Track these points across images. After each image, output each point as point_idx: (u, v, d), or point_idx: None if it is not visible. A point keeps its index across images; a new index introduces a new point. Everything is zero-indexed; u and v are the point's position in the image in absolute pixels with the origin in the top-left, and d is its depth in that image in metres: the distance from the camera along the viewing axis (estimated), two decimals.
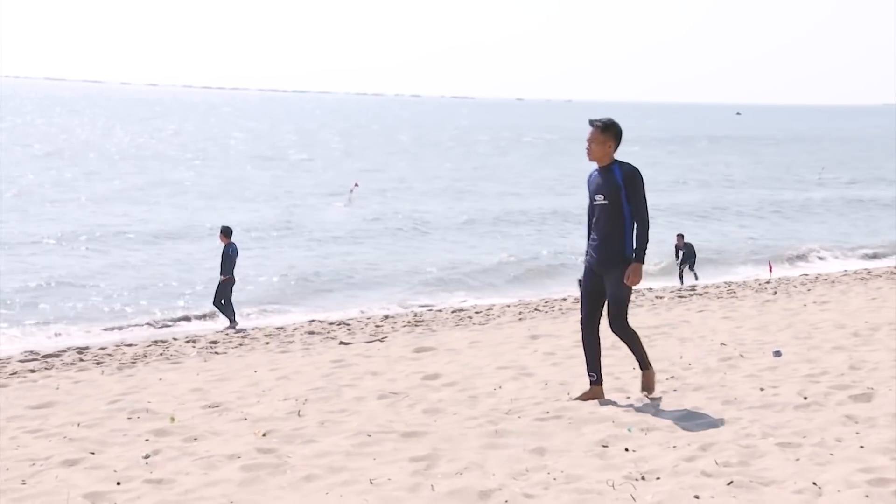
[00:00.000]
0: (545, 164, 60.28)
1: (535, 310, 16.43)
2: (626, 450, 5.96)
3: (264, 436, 6.65)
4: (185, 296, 19.55)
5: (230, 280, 16.44)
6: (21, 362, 12.39)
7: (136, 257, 24.09)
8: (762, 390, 7.41)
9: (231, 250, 16.47)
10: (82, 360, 12.50)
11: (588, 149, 7.04)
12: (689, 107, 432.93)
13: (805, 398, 7.06)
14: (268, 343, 13.58)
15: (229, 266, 16.41)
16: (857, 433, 6.12)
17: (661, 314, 13.88)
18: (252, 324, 16.99)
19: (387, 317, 16.60)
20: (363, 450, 6.16)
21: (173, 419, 7.36)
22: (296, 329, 15.24)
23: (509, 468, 5.64)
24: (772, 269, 23.64)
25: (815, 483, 5.18)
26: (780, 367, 8.31)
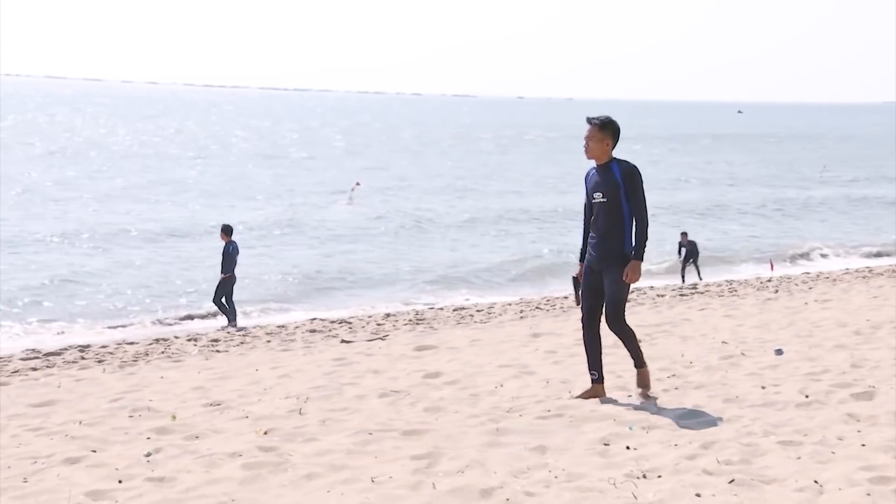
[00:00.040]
0: (547, 163, 60.31)
1: (537, 308, 16.43)
2: (628, 448, 5.95)
3: (265, 434, 6.65)
4: (187, 294, 19.59)
5: (231, 278, 16.46)
6: (23, 360, 12.39)
7: (139, 255, 24.12)
8: (763, 388, 7.41)
9: (231, 248, 16.48)
10: (84, 358, 12.50)
11: (586, 147, 7.03)
12: (690, 105, 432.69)
13: (806, 396, 7.05)
14: (269, 341, 13.58)
15: (230, 264, 16.43)
16: (859, 431, 6.11)
17: (662, 312, 13.88)
18: (253, 322, 17.02)
19: (388, 315, 16.61)
20: (364, 448, 6.16)
21: (174, 417, 7.37)
22: (297, 327, 15.24)
23: (510, 466, 5.64)
24: (773, 267, 23.65)
25: (816, 481, 5.18)
26: (781, 366, 8.30)
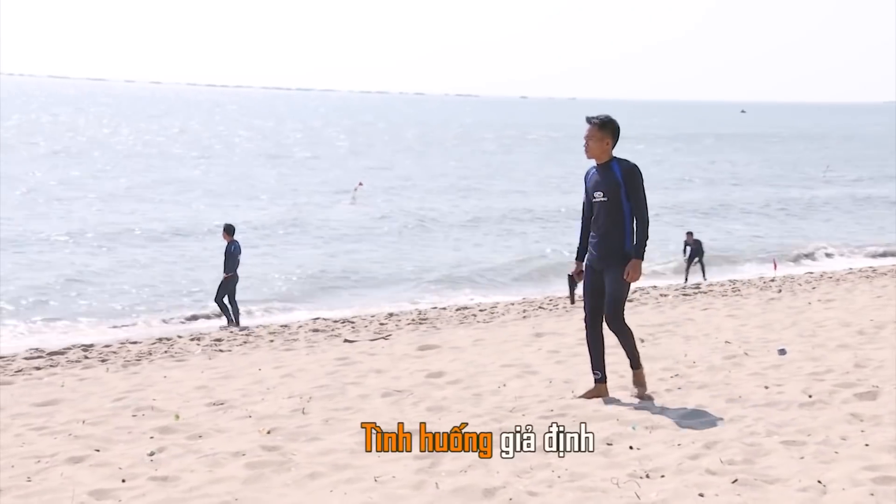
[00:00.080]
0: (550, 162, 60.28)
1: (540, 308, 16.42)
2: (631, 448, 5.95)
3: (269, 433, 6.66)
4: (191, 294, 19.60)
5: (233, 278, 16.46)
6: (26, 360, 12.41)
7: (143, 255, 24.14)
8: (767, 388, 7.40)
9: (233, 248, 16.49)
10: (87, 357, 12.52)
11: (586, 146, 7.04)
12: (693, 104, 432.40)
13: (810, 396, 7.05)
14: (272, 341, 13.59)
15: (232, 263, 16.44)
16: (863, 431, 6.11)
17: (665, 312, 13.87)
18: (257, 321, 17.03)
19: (391, 314, 16.61)
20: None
21: (178, 417, 7.37)
22: (300, 327, 15.24)
23: (513, 466, 5.64)
24: (776, 266, 23.64)
25: (819, 481, 5.18)
26: (784, 366, 8.29)
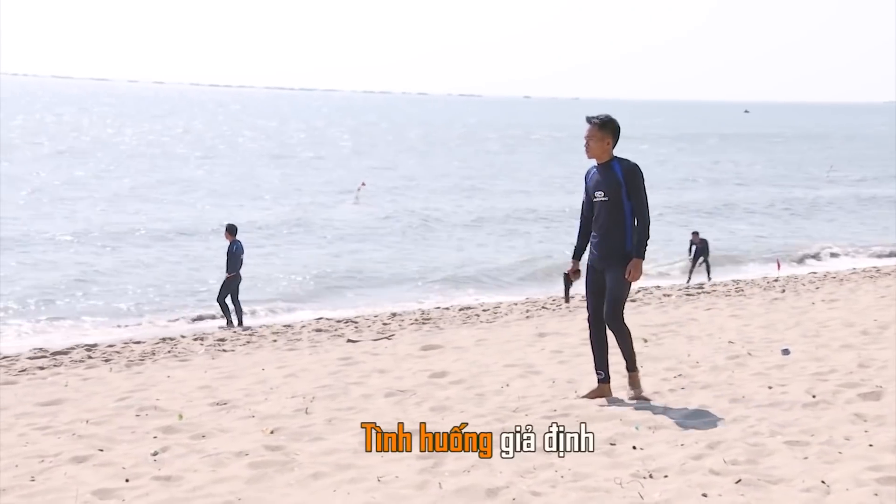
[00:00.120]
0: (554, 162, 60.25)
1: (543, 308, 16.41)
2: (634, 448, 5.94)
3: (272, 433, 6.66)
4: (195, 294, 19.61)
5: (235, 277, 16.47)
6: (30, 359, 12.43)
7: (147, 255, 24.17)
8: (770, 388, 7.39)
9: (236, 247, 16.50)
10: (91, 357, 12.54)
11: (586, 146, 7.05)
12: (696, 104, 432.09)
13: (813, 396, 7.04)
14: (275, 341, 13.60)
15: (234, 263, 16.44)
16: (866, 431, 6.10)
17: (668, 312, 13.86)
18: (260, 321, 17.04)
19: (394, 314, 16.60)
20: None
21: (181, 416, 7.38)
22: (303, 327, 15.25)
23: (517, 466, 5.63)
24: (780, 266, 23.62)
25: (823, 481, 5.17)
26: (788, 366, 8.28)
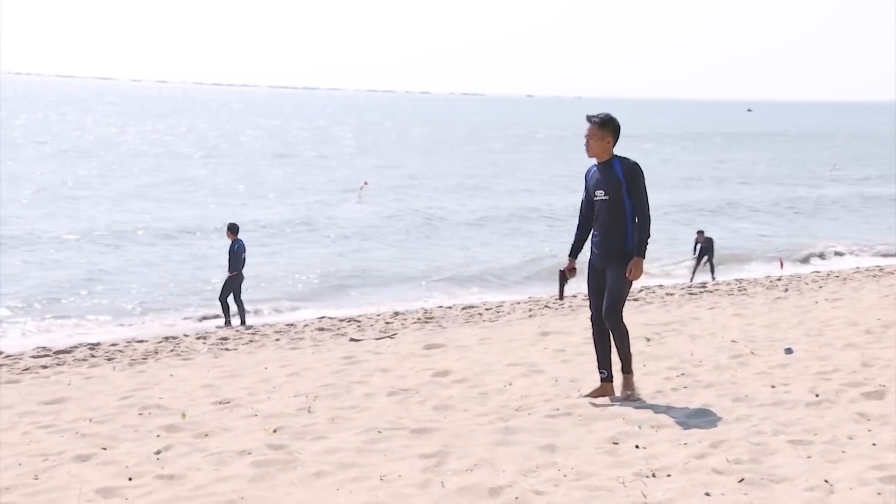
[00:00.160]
0: (557, 161, 60.21)
1: (546, 307, 16.40)
2: (637, 447, 5.94)
3: (275, 432, 6.66)
4: (199, 293, 19.62)
5: (238, 276, 16.48)
6: (33, 358, 12.45)
7: (151, 254, 24.20)
8: (773, 387, 7.38)
9: (237, 246, 16.51)
10: (94, 356, 12.55)
11: (587, 145, 7.05)
12: (698, 103, 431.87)
13: (817, 395, 7.03)
14: (278, 339, 13.60)
15: (236, 262, 16.45)
16: (870, 430, 6.09)
17: (671, 311, 13.85)
18: (263, 320, 17.05)
19: (397, 313, 16.61)
20: (373, 446, 6.17)
21: (184, 415, 7.38)
22: (306, 325, 15.25)
23: (519, 465, 5.64)
24: (783, 265, 23.60)
25: (826, 480, 5.16)
26: (791, 365, 8.27)
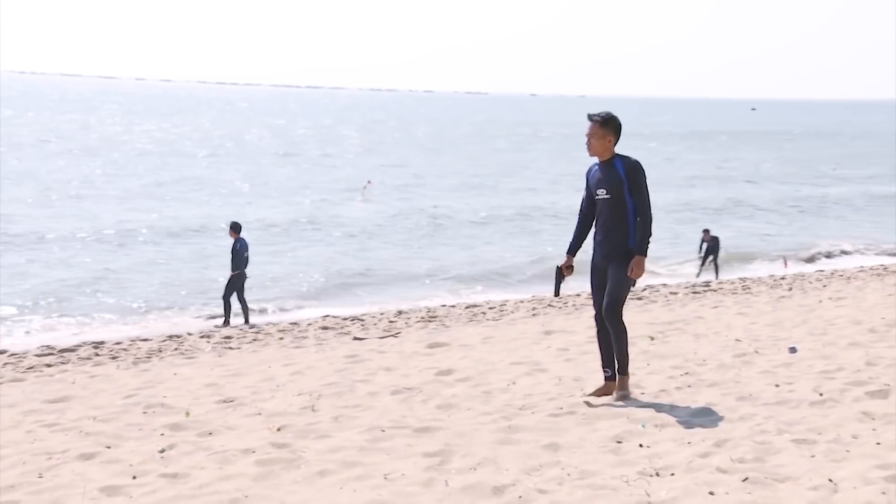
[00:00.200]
0: (562, 160, 60.13)
1: (549, 305, 16.39)
2: (641, 446, 5.94)
3: (278, 431, 6.67)
4: (203, 292, 19.63)
5: (240, 275, 16.49)
6: (38, 357, 12.47)
7: (155, 253, 24.23)
8: (777, 387, 7.37)
9: (240, 245, 16.52)
10: (98, 354, 12.57)
11: (588, 144, 7.05)
12: (702, 102, 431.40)
13: (821, 394, 7.02)
14: (281, 338, 13.61)
15: (239, 261, 16.46)
16: (874, 430, 6.08)
17: (675, 310, 13.84)
18: (266, 319, 17.06)
19: (400, 312, 16.61)
20: (377, 445, 6.17)
21: (188, 414, 7.39)
22: (309, 324, 15.26)
23: (523, 464, 5.64)
24: (787, 264, 23.57)
25: (830, 480, 5.15)
26: (795, 364, 8.26)
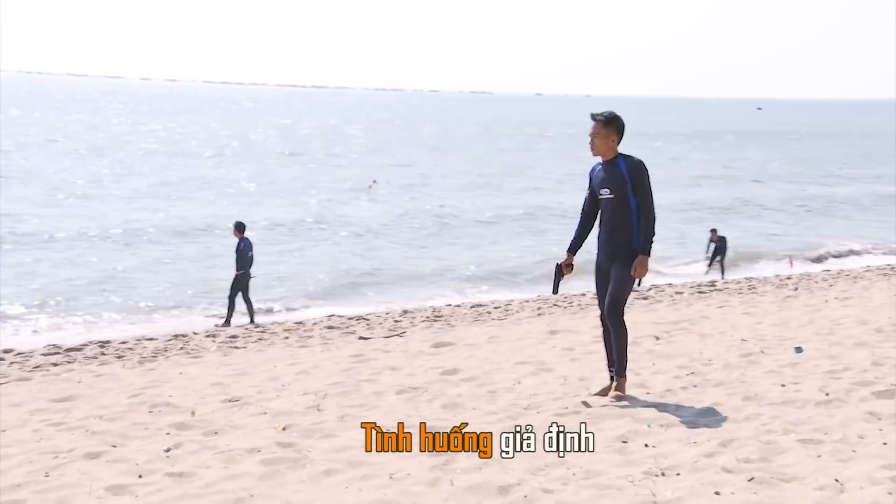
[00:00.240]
0: (568, 160, 60.05)
1: (554, 305, 16.38)
2: (646, 445, 5.93)
3: (284, 430, 6.67)
4: (209, 291, 19.62)
5: (245, 275, 16.50)
6: (44, 356, 12.49)
7: (162, 252, 24.25)
8: (783, 386, 7.36)
9: (244, 245, 16.53)
10: (104, 353, 12.59)
11: (591, 143, 7.06)
12: (708, 101, 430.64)
13: (827, 394, 7.01)
14: (287, 338, 13.62)
15: (243, 261, 16.47)
16: (880, 430, 6.07)
17: (680, 310, 13.82)
18: (271, 318, 17.08)
19: (406, 312, 16.61)
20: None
21: (194, 413, 7.40)
22: (315, 324, 15.27)
23: (528, 463, 5.63)
24: (792, 264, 23.53)
25: (837, 480, 5.15)
26: (801, 364, 8.25)
